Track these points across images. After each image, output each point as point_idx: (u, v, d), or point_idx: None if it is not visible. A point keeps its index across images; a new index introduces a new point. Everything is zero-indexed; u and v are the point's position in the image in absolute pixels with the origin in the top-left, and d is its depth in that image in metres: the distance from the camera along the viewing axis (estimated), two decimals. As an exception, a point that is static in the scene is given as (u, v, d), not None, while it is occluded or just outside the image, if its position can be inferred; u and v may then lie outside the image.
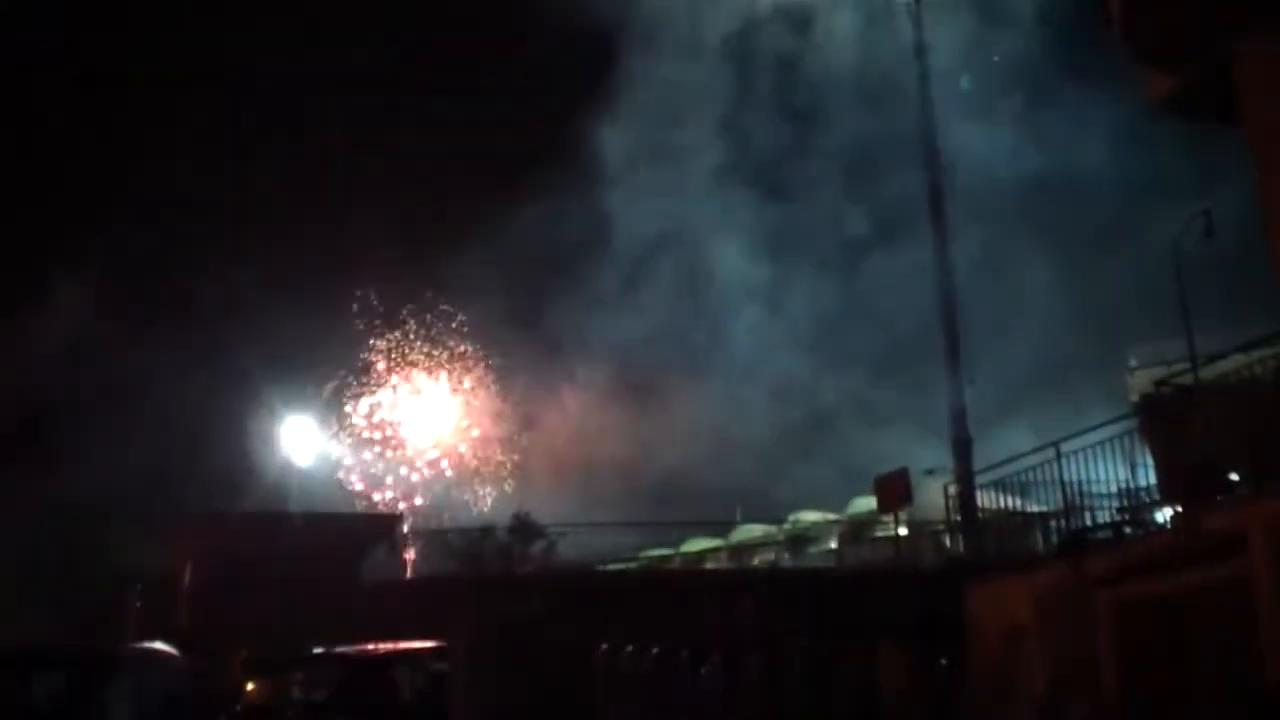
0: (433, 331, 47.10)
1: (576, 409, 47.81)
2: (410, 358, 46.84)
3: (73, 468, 35.27)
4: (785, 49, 48.16)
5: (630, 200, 46.97)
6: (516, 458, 46.29)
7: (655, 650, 17.78)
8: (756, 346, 48.38)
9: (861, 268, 47.02)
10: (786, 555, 35.03)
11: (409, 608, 22.56)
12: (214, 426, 38.93)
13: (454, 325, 47.18)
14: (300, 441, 36.97)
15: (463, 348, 47.19)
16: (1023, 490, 16.95)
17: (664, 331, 48.19)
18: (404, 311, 46.76)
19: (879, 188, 43.91)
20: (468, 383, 47.13)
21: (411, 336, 46.93)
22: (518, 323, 47.25)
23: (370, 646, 20.98)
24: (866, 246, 46.97)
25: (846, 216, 47.70)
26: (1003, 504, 17.79)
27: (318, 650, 20.08)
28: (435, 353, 47.04)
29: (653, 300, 48.64)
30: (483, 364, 47.22)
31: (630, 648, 18.21)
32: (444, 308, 47.06)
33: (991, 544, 19.08)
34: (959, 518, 22.36)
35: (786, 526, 37.75)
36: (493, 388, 47.17)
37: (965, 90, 26.57)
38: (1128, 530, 14.92)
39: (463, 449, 46.46)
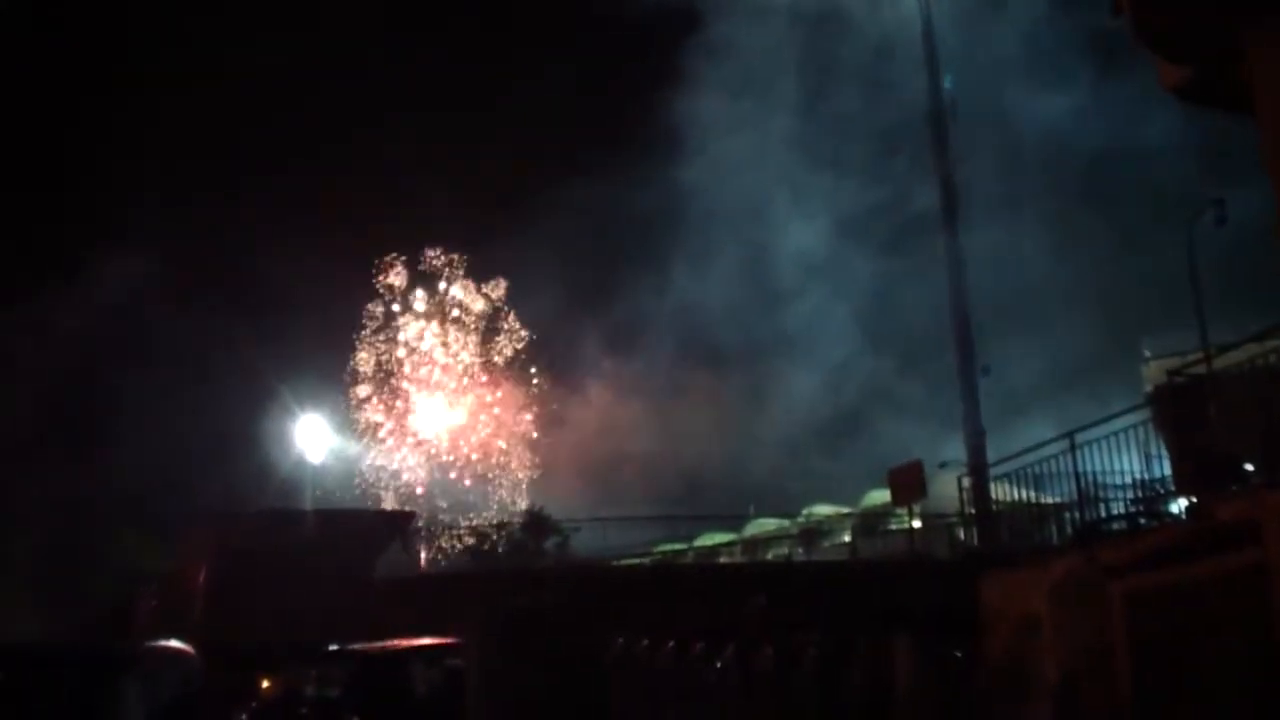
0: (455, 326, 47.14)
1: (602, 404, 47.77)
2: (433, 352, 46.87)
3: (87, 467, 35.46)
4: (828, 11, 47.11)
5: (639, 198, 46.79)
6: (539, 456, 46.29)
7: (669, 644, 17.78)
8: (785, 340, 48.23)
9: (895, 258, 46.35)
10: (800, 549, 34.95)
11: (423, 604, 22.58)
12: (229, 425, 39.07)
13: (479, 319, 47.21)
14: (314, 439, 36.95)
15: (479, 344, 47.22)
16: (1037, 482, 16.89)
17: (694, 325, 48.16)
18: (427, 304, 46.92)
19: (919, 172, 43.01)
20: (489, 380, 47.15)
21: (434, 330, 47.02)
22: (547, 318, 47.20)
23: (384, 643, 21.02)
24: (898, 237, 46.35)
25: (880, 204, 46.94)
26: (1017, 496, 17.73)
27: (332, 647, 20.13)
28: (460, 348, 47.05)
29: (679, 294, 48.53)
30: (510, 360, 47.18)
31: (644, 641, 18.22)
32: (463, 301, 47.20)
33: (1006, 536, 19.03)
34: (973, 510, 22.26)
35: (800, 520, 37.70)
36: (519, 384, 47.12)
37: (949, 88, 25.01)
38: (1142, 521, 14.85)
39: (494, 441, 46.47)
